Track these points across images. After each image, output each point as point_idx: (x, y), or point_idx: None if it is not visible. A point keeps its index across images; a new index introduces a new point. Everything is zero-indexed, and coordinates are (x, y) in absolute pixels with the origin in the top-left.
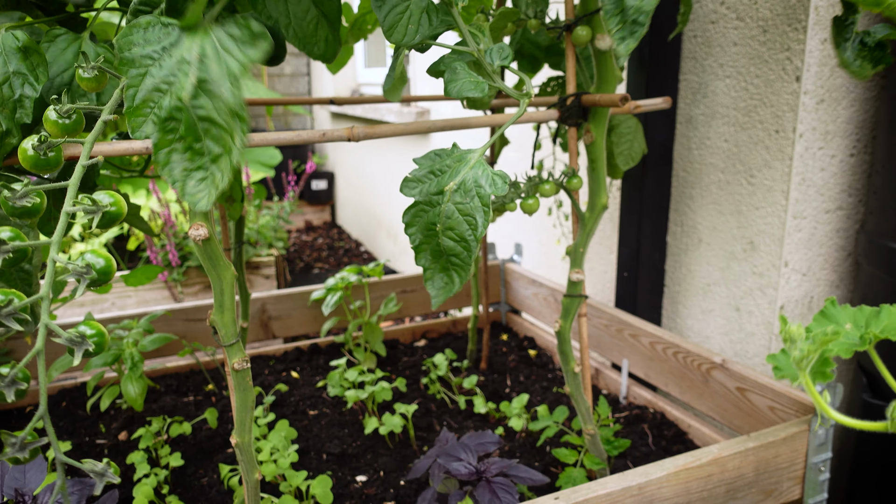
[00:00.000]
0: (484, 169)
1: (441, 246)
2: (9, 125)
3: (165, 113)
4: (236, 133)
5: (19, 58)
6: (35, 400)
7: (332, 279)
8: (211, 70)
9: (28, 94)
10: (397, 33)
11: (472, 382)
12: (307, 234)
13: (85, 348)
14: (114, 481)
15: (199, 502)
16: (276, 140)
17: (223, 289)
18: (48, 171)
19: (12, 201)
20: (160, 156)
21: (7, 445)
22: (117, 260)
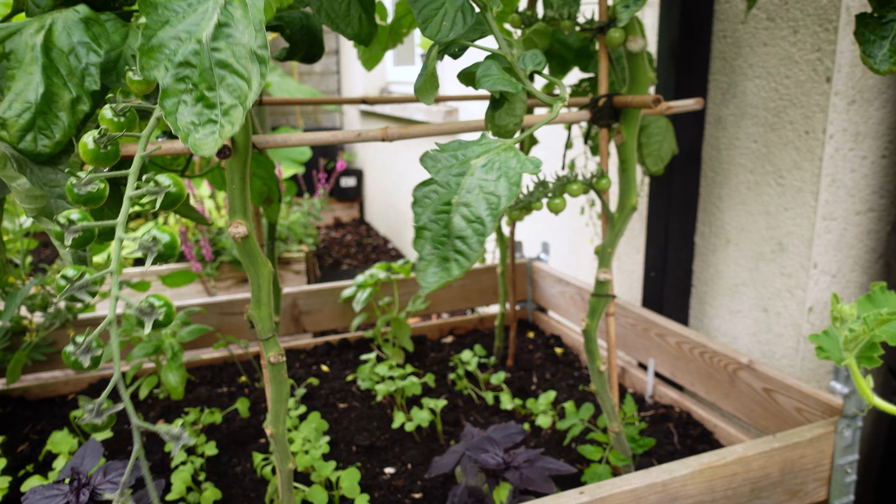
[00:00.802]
0: (515, 152)
1: (450, 227)
2: (79, 92)
3: (181, 58)
4: (254, 78)
5: (82, 28)
6: (77, 388)
7: (361, 276)
8: (234, 15)
9: (93, 61)
10: (432, 27)
11: (499, 379)
12: (336, 231)
13: (155, 318)
14: (189, 443)
15: (232, 489)
16: (312, 140)
17: (260, 284)
18: (106, 164)
19: (77, 188)
20: (167, 103)
21: (85, 411)
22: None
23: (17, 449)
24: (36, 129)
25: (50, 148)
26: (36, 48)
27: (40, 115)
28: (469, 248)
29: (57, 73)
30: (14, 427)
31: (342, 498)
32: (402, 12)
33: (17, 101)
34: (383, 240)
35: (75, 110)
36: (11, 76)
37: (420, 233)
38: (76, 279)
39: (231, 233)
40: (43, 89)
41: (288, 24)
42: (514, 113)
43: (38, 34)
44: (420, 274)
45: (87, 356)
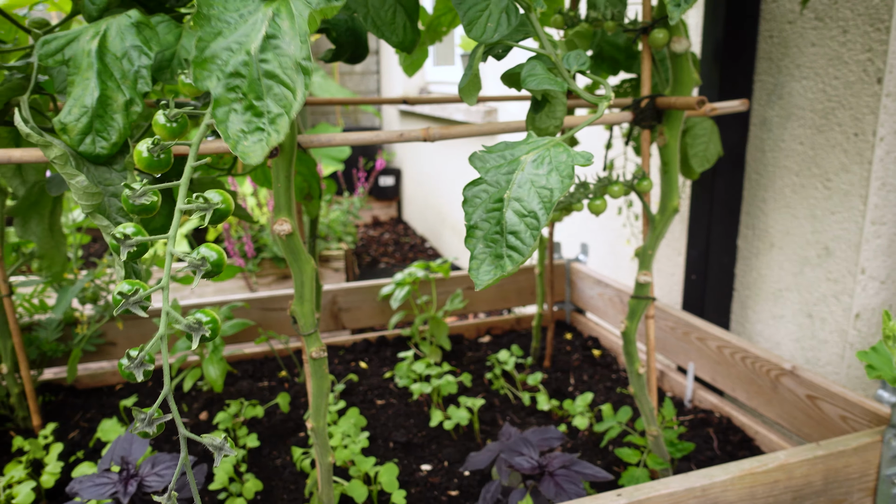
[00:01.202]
0: (564, 148)
1: (502, 223)
2: (132, 94)
3: (232, 69)
4: (299, 88)
5: (134, 32)
6: (124, 379)
7: (400, 274)
8: (282, 27)
9: (144, 63)
10: (476, 29)
11: (536, 379)
12: (374, 230)
13: (202, 334)
14: (230, 454)
15: (273, 481)
16: (356, 140)
17: (303, 281)
18: (159, 171)
19: (132, 199)
20: (219, 112)
21: (137, 420)
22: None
23: (69, 435)
24: (94, 132)
25: (107, 149)
26: (91, 54)
27: (97, 119)
28: (522, 242)
29: (111, 77)
30: (65, 414)
31: (380, 492)
32: (442, 10)
33: (76, 105)
34: (421, 239)
35: (129, 112)
36: (71, 82)
37: (471, 231)
38: (130, 294)
39: (276, 230)
40: (98, 93)
41: (334, 27)
42: (554, 115)
43: (93, 40)
44: (473, 272)
45: (139, 370)
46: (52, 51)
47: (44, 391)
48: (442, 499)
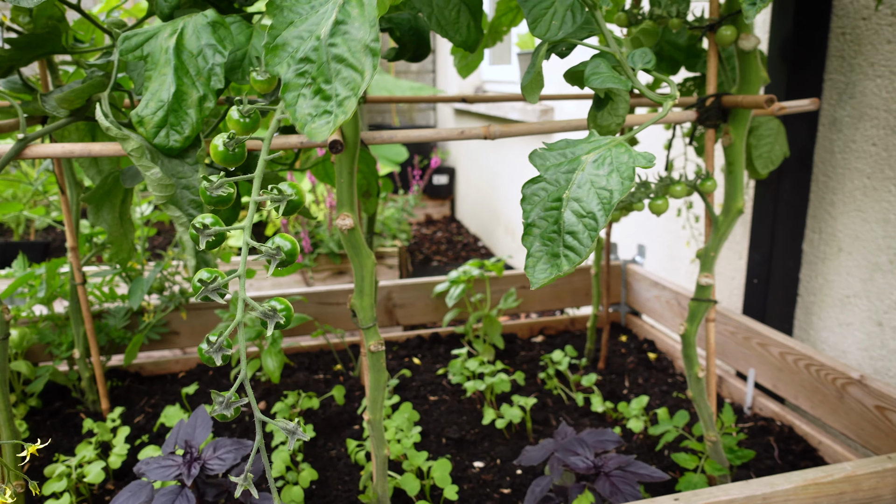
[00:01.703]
0: (626, 148)
1: (560, 222)
2: (206, 90)
3: (301, 54)
4: (367, 70)
5: (209, 31)
6: (186, 367)
7: (454, 272)
8: (351, 13)
9: (218, 61)
10: (541, 26)
11: (590, 380)
12: (427, 228)
13: (276, 320)
14: (304, 438)
15: (327, 472)
16: (417, 136)
17: (364, 275)
18: (234, 164)
19: (210, 191)
20: (288, 96)
21: (216, 403)
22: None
23: (134, 420)
24: (168, 126)
25: (180, 143)
26: (169, 51)
27: (172, 113)
28: (580, 243)
29: (186, 73)
30: (131, 400)
31: (433, 487)
32: (503, 10)
33: (153, 100)
34: (473, 238)
35: (202, 107)
36: (148, 77)
37: (529, 229)
38: (210, 282)
39: (338, 224)
40: (174, 89)
41: (398, 26)
42: (616, 113)
43: (171, 38)
44: (529, 270)
45: (218, 354)
46: (133, 46)
47: (111, 376)
48: (494, 496)
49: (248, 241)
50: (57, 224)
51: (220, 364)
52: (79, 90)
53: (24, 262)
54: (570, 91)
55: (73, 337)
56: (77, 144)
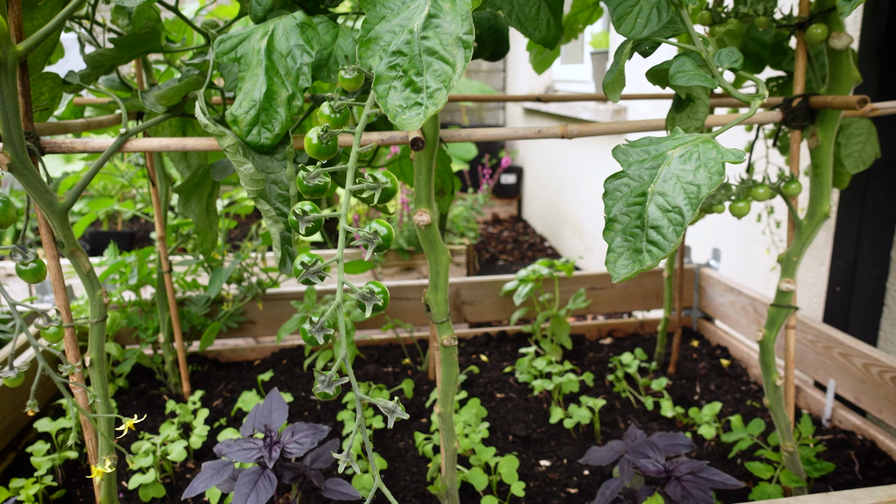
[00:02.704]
0: (713, 144)
1: (643, 217)
2: (294, 89)
3: (394, 47)
4: (458, 62)
5: (298, 32)
6: (261, 355)
7: (523, 270)
8: (443, 7)
9: (306, 61)
10: (626, 25)
11: (660, 384)
12: (493, 227)
13: (374, 302)
14: (403, 417)
15: (396, 462)
16: (495, 135)
17: (439, 271)
18: (326, 157)
19: (307, 181)
20: (380, 88)
21: (318, 381)
22: (326, 240)
23: (213, 403)
24: (260, 124)
25: (271, 140)
26: (261, 52)
27: (263, 112)
28: (664, 238)
29: (277, 73)
30: (210, 384)
31: (500, 483)
32: (579, 7)
33: (246, 99)
34: (540, 238)
35: (291, 106)
36: (241, 77)
37: (610, 224)
38: (311, 265)
39: (416, 220)
40: (265, 89)
41: (477, 25)
42: (696, 116)
43: (262, 39)
44: (610, 265)
45: (320, 334)
46: (227, 49)
47: (192, 361)
48: (561, 495)
49: (345, 226)
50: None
51: (321, 343)
52: (176, 88)
53: (116, 251)
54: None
55: (158, 322)
56: (173, 139)
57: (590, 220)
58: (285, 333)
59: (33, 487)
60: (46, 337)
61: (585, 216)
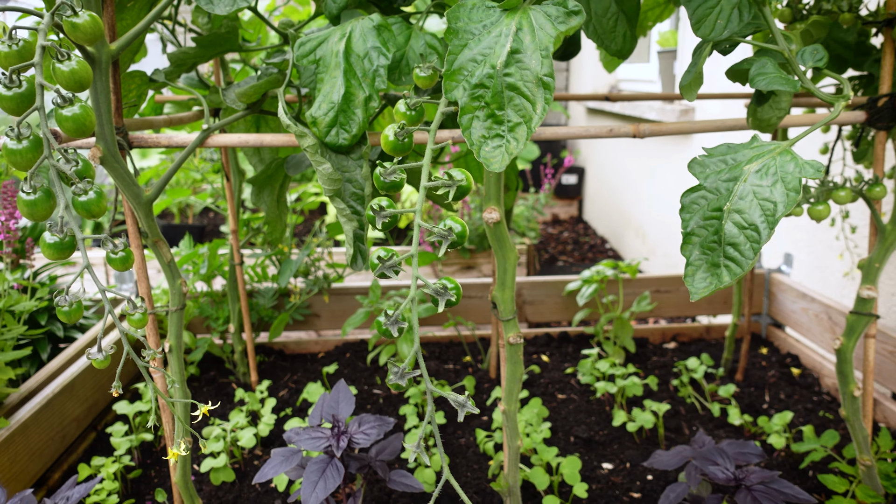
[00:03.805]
0: (792, 156)
1: (720, 233)
2: (371, 91)
3: (476, 80)
4: (538, 102)
5: (375, 34)
6: (325, 348)
7: (587, 271)
8: (524, 42)
9: (382, 63)
10: (705, 27)
11: (728, 391)
12: (553, 227)
13: (447, 298)
14: (473, 412)
15: (457, 458)
16: (566, 134)
17: (506, 268)
18: (402, 153)
19: (383, 177)
20: (464, 119)
21: (391, 373)
22: (387, 237)
23: (279, 393)
24: (338, 125)
25: (348, 141)
26: (339, 54)
27: (341, 113)
28: (741, 255)
29: (354, 75)
30: (276, 375)
31: (561, 483)
32: (650, 5)
33: (325, 101)
34: (601, 239)
35: (368, 107)
36: (320, 79)
37: (688, 238)
38: (386, 259)
39: (485, 217)
40: (344, 91)
41: None
42: (779, 106)
43: (340, 42)
44: (688, 279)
45: (395, 327)
46: (307, 52)
47: (259, 352)
48: (623, 499)
49: (419, 222)
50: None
51: (396, 335)
52: (256, 86)
53: (191, 242)
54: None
55: (228, 312)
56: (252, 135)
57: (653, 222)
58: (350, 327)
59: (113, 466)
60: (132, 322)
61: (649, 218)
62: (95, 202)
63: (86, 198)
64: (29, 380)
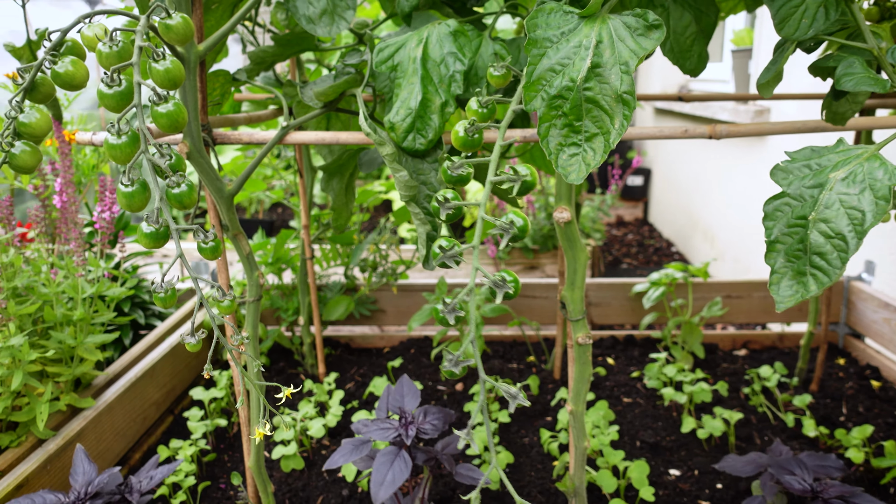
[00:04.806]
0: (881, 161)
1: (806, 242)
2: (447, 97)
3: (555, 91)
4: (617, 117)
5: (451, 40)
6: (389, 343)
7: (655, 274)
8: (604, 56)
9: (458, 69)
10: (789, 26)
11: (802, 401)
12: (617, 229)
13: (505, 290)
14: (525, 404)
15: (520, 458)
16: (639, 134)
17: (576, 268)
18: (472, 149)
19: (451, 171)
20: (542, 128)
21: (446, 360)
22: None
23: (346, 386)
24: (415, 131)
25: (424, 146)
26: (416, 60)
27: (418, 119)
28: (828, 264)
29: (431, 81)
30: (342, 368)
31: (628, 487)
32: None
33: (402, 107)
34: (667, 242)
35: (444, 113)
36: (398, 85)
37: (772, 246)
38: (448, 249)
39: (556, 217)
40: (421, 97)
41: None
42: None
43: (417, 47)
44: (773, 287)
45: (452, 315)
46: (385, 58)
47: (326, 345)
48: None
49: (482, 215)
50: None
51: (452, 323)
52: (335, 86)
53: (263, 236)
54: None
55: (297, 304)
56: (328, 133)
57: (723, 226)
58: (416, 323)
59: (190, 449)
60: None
61: (718, 222)
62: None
63: (178, 190)
64: (113, 364)
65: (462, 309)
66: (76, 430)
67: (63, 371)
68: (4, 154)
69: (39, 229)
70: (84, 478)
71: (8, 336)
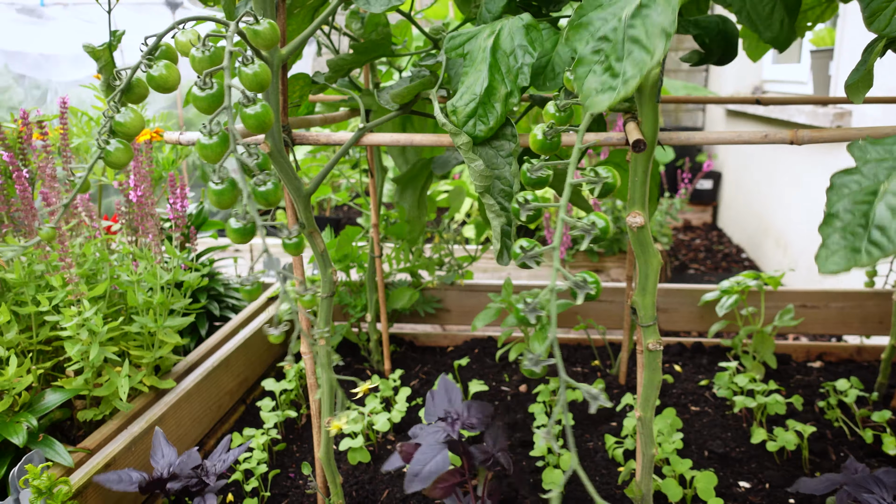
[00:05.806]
0: None
1: (869, 216)
2: (512, 87)
3: (601, 33)
4: (657, 51)
5: (523, 33)
6: (453, 343)
7: (726, 281)
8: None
9: (527, 61)
10: (880, 21)
11: (882, 417)
12: (684, 234)
13: (587, 291)
14: (606, 405)
15: (584, 462)
16: (717, 139)
17: (648, 273)
18: (549, 153)
19: (531, 173)
20: (579, 70)
21: (526, 359)
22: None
23: (410, 383)
24: (476, 117)
25: (484, 132)
26: (486, 50)
27: (481, 105)
28: (889, 240)
29: (498, 70)
30: (407, 365)
31: (694, 497)
32: (810, 3)
33: (467, 93)
34: (736, 248)
35: (507, 102)
36: (465, 72)
37: (829, 220)
38: (529, 249)
39: (629, 222)
40: (486, 84)
41: (706, 32)
42: None
43: (489, 38)
44: (820, 259)
45: (533, 314)
46: (456, 45)
47: (391, 342)
48: None
49: (563, 217)
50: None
51: (533, 323)
52: (410, 88)
53: (331, 232)
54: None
55: (365, 301)
56: (402, 135)
57: (797, 233)
58: (480, 323)
59: (261, 438)
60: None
61: (792, 228)
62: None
63: (264, 188)
64: (190, 353)
65: (543, 308)
66: (158, 414)
67: (144, 354)
68: (101, 151)
69: (123, 222)
70: (165, 460)
71: (83, 311)
